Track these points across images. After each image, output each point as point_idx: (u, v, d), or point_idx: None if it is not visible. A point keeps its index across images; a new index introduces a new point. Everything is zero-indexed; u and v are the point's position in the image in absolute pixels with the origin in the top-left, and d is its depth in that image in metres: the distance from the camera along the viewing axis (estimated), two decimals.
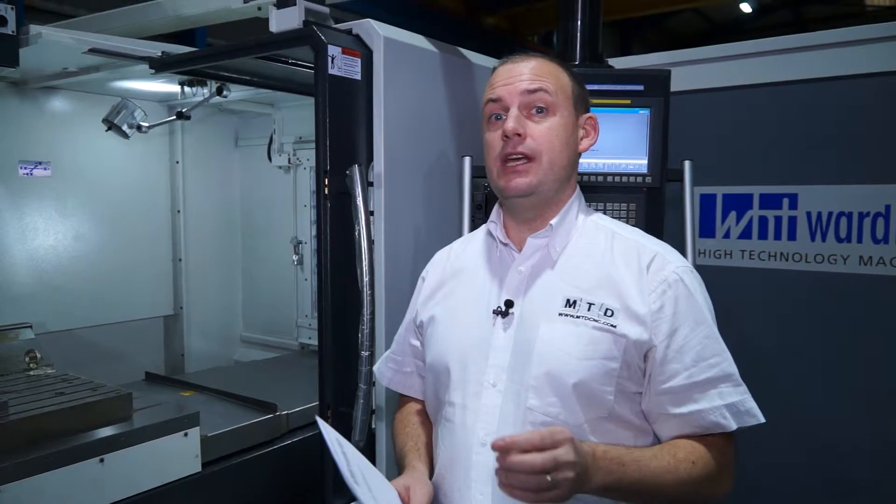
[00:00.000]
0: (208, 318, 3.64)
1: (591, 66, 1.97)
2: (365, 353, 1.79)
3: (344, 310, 1.90)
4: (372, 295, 1.79)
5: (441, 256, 1.64)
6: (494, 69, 1.46)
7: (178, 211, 3.51)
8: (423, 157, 2.07)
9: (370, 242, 1.80)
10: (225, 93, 2.71)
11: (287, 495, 2.52)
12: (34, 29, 2.12)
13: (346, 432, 1.89)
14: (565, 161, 1.40)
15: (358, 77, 1.89)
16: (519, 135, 1.35)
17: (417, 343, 1.59)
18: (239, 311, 3.80)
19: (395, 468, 1.95)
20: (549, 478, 1.09)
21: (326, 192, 1.82)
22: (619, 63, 2.18)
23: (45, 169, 3.04)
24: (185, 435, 2.14)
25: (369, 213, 1.82)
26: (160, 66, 2.23)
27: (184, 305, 3.54)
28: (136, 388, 2.79)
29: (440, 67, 2.12)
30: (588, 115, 1.46)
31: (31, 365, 2.45)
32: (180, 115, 2.85)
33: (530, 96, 1.36)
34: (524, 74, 1.38)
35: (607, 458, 1.21)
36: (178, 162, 3.50)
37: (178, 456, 2.14)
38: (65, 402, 2.04)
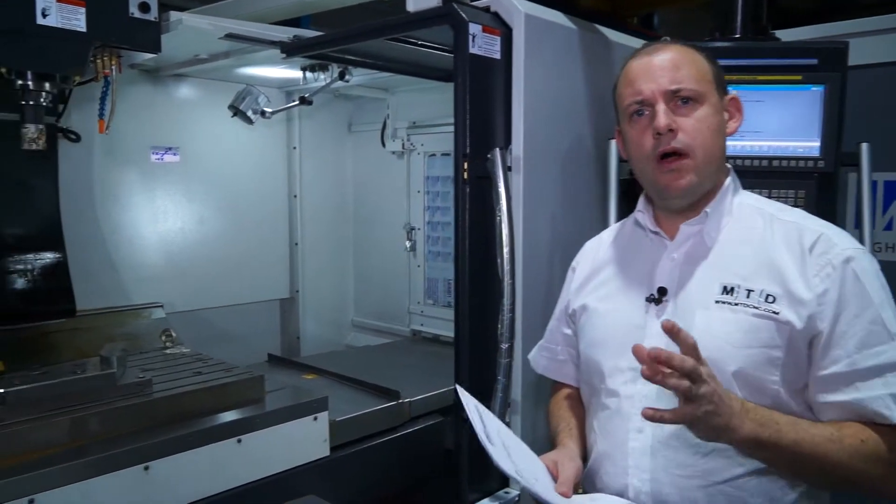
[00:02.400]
0: (322, 302, 3.69)
1: (755, 39, 1.81)
2: (504, 346, 1.72)
3: (481, 299, 1.84)
4: (513, 284, 1.71)
5: (591, 246, 1.62)
6: (626, 63, 1.44)
7: (295, 196, 3.56)
8: (561, 141, 1.97)
9: (511, 229, 1.72)
10: (347, 77, 2.70)
11: (408, 483, 2.50)
12: (174, 16, 2.16)
13: None
14: (718, 149, 1.36)
15: (498, 56, 1.81)
16: (671, 130, 1.31)
17: (569, 332, 1.58)
18: (351, 295, 3.84)
19: None
20: (690, 385, 1.10)
21: (466, 176, 1.76)
22: (784, 36, 1.99)
23: (174, 154, 3.14)
24: (315, 419, 2.15)
25: (510, 199, 1.74)
26: (291, 50, 2.23)
27: (299, 289, 3.60)
28: (260, 369, 2.85)
29: (578, 45, 2.01)
30: (730, 95, 1.41)
31: (167, 344, 2.54)
32: (303, 101, 2.87)
33: (674, 91, 1.33)
34: (665, 68, 1.34)
35: (759, 412, 1.19)
36: (294, 147, 3.55)
37: (308, 439, 2.15)
38: (203, 382, 2.09)
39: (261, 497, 2.01)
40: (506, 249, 1.71)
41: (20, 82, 1.90)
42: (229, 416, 2.01)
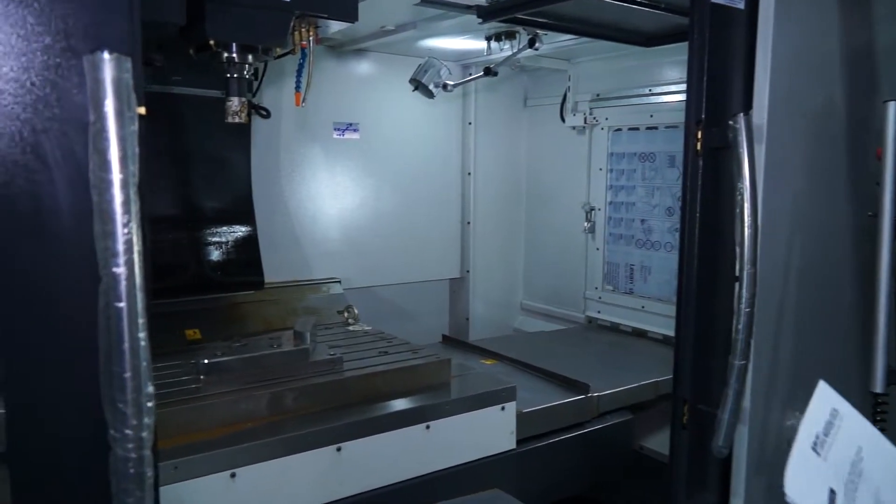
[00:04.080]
0: (491, 284, 3.58)
1: None
2: (740, 345, 1.47)
3: (708, 289, 1.60)
4: (754, 274, 1.46)
5: None
6: None
7: (469, 173, 3.45)
8: (810, 104, 1.67)
9: (755, 209, 1.46)
10: (537, 45, 2.51)
11: (593, 483, 2.32)
12: None
13: (704, 435, 1.61)
14: None
15: (741, 5, 1.54)
16: None
17: None
18: (520, 277, 3.69)
19: (755, 475, 1.65)
20: None
21: (699, 147, 1.51)
22: None
23: (354, 131, 3.14)
24: (503, 409, 2.02)
25: (755, 173, 1.47)
26: (487, 13, 2.08)
27: (470, 269, 3.50)
28: (435, 350, 2.78)
29: None
30: None
31: (349, 320, 2.51)
32: (487, 72, 2.73)
33: None
34: None
35: None
36: (470, 123, 3.43)
37: (495, 430, 2.03)
38: (391, 363, 2.02)
39: (445, 487, 1.92)
40: (747, 233, 1.46)
41: (226, 55, 1.90)
42: (418, 400, 1.92)
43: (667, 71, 2.91)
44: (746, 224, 1.46)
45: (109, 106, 0.73)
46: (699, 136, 1.52)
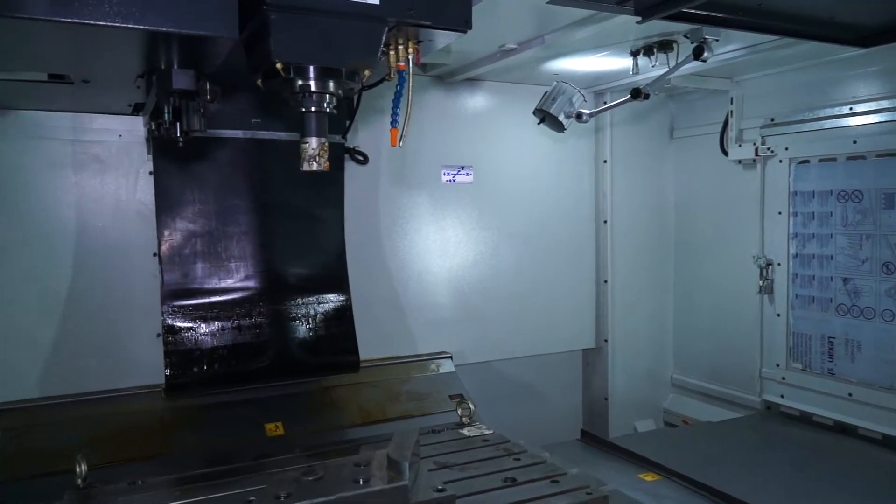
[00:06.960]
0: (634, 355, 2.94)
1: None
2: None
3: None
4: None
5: None
6: None
7: (605, 221, 2.85)
8: None
9: None
10: (706, 55, 1.90)
11: None
12: None
13: None
14: None
15: None
16: None
17: None
18: (670, 347, 3.00)
19: None
20: None
21: None
22: None
23: (467, 174, 2.63)
24: None
25: None
26: (649, 8, 1.50)
27: (608, 338, 2.86)
28: (573, 453, 2.17)
29: None
30: None
31: (464, 419, 1.96)
32: (637, 94, 2.14)
33: None
34: None
35: None
36: (605, 161, 2.85)
37: None
38: (523, 502, 1.43)
39: None
40: None
41: (300, 83, 1.44)
42: None
43: (878, 81, 2.20)
44: None
45: None
46: None
